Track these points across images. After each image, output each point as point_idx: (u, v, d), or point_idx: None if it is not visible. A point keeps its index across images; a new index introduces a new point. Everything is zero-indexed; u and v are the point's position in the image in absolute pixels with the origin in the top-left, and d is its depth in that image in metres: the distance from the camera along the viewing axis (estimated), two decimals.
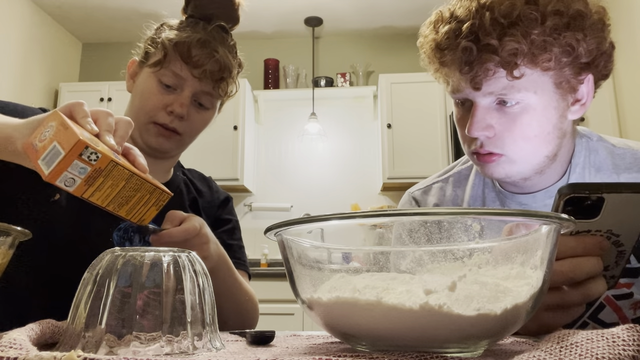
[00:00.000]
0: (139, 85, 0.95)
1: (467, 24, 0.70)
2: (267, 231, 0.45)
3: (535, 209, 0.83)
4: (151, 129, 0.92)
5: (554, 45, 0.69)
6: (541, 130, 0.73)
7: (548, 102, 0.73)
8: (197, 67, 0.90)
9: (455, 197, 0.92)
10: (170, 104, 0.91)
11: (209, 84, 0.93)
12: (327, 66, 3.92)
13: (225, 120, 3.47)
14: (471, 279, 0.37)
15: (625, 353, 0.31)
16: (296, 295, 0.45)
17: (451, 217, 0.39)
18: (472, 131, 0.74)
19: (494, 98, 0.73)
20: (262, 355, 0.39)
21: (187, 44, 0.89)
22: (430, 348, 0.37)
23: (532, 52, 0.69)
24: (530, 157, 0.75)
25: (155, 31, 0.96)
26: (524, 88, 0.71)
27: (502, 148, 0.75)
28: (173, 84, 0.91)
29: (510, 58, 0.69)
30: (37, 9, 3.57)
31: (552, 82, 0.72)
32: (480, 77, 0.71)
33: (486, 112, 0.74)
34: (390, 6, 3.55)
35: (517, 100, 0.72)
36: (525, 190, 0.83)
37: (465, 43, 0.70)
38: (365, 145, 3.75)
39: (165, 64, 0.90)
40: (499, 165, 0.76)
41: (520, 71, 0.70)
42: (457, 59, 0.72)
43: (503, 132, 0.74)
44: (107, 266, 0.41)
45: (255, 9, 3.64)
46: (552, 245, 0.41)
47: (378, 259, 0.41)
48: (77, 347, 0.38)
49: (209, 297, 0.45)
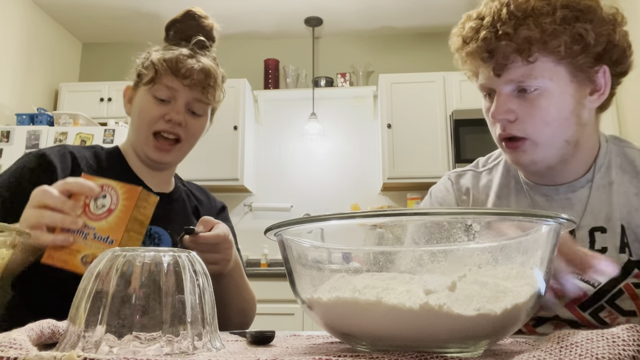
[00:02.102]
0: (136, 105, 1.05)
1: (488, 19, 0.81)
2: (267, 231, 0.45)
3: (557, 201, 0.88)
4: (151, 143, 1.01)
5: (564, 34, 0.77)
6: (559, 114, 0.80)
7: (564, 89, 0.80)
8: (186, 78, 1.00)
9: (488, 183, 0.98)
10: (167, 113, 1.01)
11: (199, 91, 1.03)
12: (327, 66, 3.91)
13: (225, 120, 3.47)
14: (471, 279, 0.37)
15: (625, 353, 0.31)
16: (296, 295, 0.45)
17: (451, 217, 0.39)
18: (495, 114, 0.82)
19: (514, 86, 0.81)
20: (262, 355, 0.39)
21: (174, 59, 1.01)
22: (430, 348, 0.37)
23: (544, 39, 0.77)
24: (551, 140, 0.81)
25: (144, 57, 1.07)
26: (540, 75, 0.79)
27: (525, 131, 0.81)
28: (167, 96, 1.01)
29: (524, 45, 0.77)
30: (37, 9, 3.57)
31: (567, 71, 0.80)
32: (500, 63, 0.80)
33: (508, 98, 0.82)
34: (390, 6, 3.55)
35: (536, 87, 0.79)
36: (550, 182, 0.88)
37: (485, 34, 0.80)
38: (365, 145, 3.75)
39: (157, 79, 1.01)
40: (525, 152, 0.82)
41: (534, 57, 0.78)
42: (478, 48, 0.81)
43: (524, 117, 0.81)
44: (107, 266, 0.41)
45: (255, 9, 3.64)
46: (552, 245, 0.41)
47: (378, 259, 0.41)
48: (77, 347, 0.38)
49: (209, 297, 0.44)
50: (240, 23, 3.82)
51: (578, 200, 0.85)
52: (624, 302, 0.78)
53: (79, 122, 3.29)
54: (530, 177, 0.91)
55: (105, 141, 3.05)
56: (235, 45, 4.02)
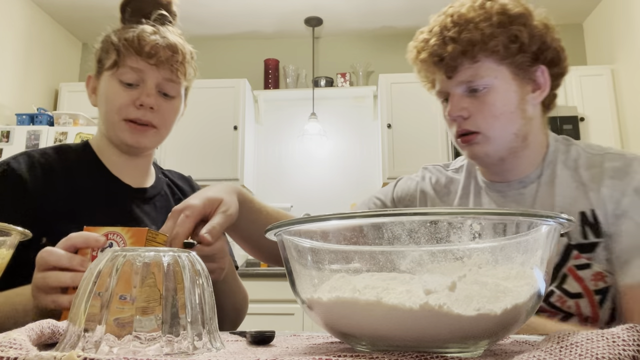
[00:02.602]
0: (101, 93, 0.98)
1: (436, 29, 0.93)
2: (267, 231, 0.45)
3: (510, 196, 0.96)
4: (124, 127, 0.95)
5: (501, 35, 0.88)
6: (505, 109, 0.90)
7: (508, 87, 0.91)
8: (152, 56, 0.93)
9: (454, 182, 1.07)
10: (137, 98, 0.94)
11: (167, 70, 0.95)
12: (327, 66, 3.91)
13: (225, 120, 3.47)
14: (471, 279, 0.37)
15: (625, 353, 0.31)
16: (296, 295, 0.45)
17: (451, 217, 0.39)
18: (451, 112, 0.92)
19: (465, 86, 0.91)
20: (262, 355, 0.39)
21: (136, 37, 0.93)
22: (430, 348, 0.37)
23: (484, 40, 0.88)
24: (500, 132, 0.91)
25: (103, 41, 0.99)
26: (485, 74, 0.90)
27: (477, 125, 0.91)
28: (134, 80, 0.94)
29: (468, 47, 0.88)
30: (37, 9, 3.57)
31: (509, 71, 0.90)
32: (450, 66, 0.90)
33: (460, 98, 0.92)
34: (390, 6, 3.55)
35: (484, 85, 0.90)
36: (503, 178, 0.97)
37: (434, 41, 0.92)
38: (365, 145, 3.75)
39: (120, 62, 0.93)
40: (479, 145, 0.92)
41: (478, 57, 0.89)
42: (429, 55, 0.92)
43: (476, 113, 0.91)
44: (107, 266, 0.41)
45: (255, 9, 3.64)
46: (552, 245, 0.41)
47: (378, 259, 0.41)
48: (77, 347, 0.38)
49: (209, 297, 0.44)
50: (240, 23, 3.82)
51: (529, 195, 0.94)
52: (571, 285, 0.85)
53: (79, 122, 3.30)
54: (487, 176, 1.00)
55: None
56: (235, 45, 4.02)
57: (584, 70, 3.42)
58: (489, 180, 0.99)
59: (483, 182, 1.01)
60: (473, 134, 0.91)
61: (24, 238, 0.56)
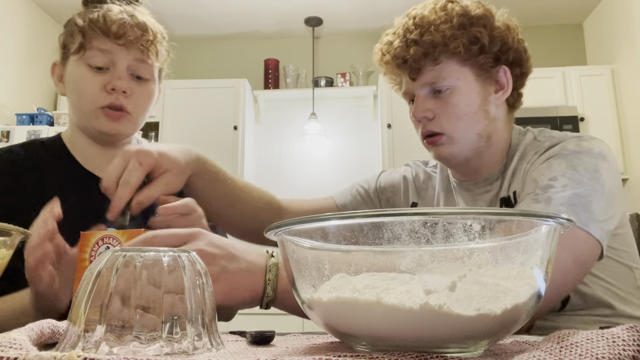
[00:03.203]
0: (69, 80, 0.92)
1: (399, 31, 0.93)
2: (267, 231, 0.45)
3: (477, 194, 0.98)
4: (100, 115, 0.90)
5: (462, 37, 0.89)
6: (468, 109, 0.91)
7: (471, 88, 0.91)
8: (120, 36, 0.87)
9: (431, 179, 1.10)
10: (108, 82, 0.88)
11: (138, 50, 0.90)
12: (327, 66, 3.91)
13: (225, 120, 3.47)
14: (471, 279, 0.37)
15: (625, 353, 0.31)
16: (296, 295, 0.45)
17: (451, 216, 0.39)
18: (415, 113, 0.94)
19: (429, 88, 0.92)
20: (262, 355, 0.39)
21: (101, 17, 0.87)
22: (430, 348, 0.37)
23: (445, 42, 0.89)
24: (464, 133, 0.92)
25: (66, 25, 0.93)
26: (448, 76, 0.90)
27: (441, 127, 0.92)
28: (104, 63, 0.89)
29: (430, 49, 0.89)
30: (37, 9, 3.57)
31: (471, 72, 0.92)
32: (413, 68, 0.91)
33: (425, 99, 0.93)
34: (390, 6, 3.55)
35: (447, 87, 0.91)
36: (470, 178, 0.99)
37: (397, 43, 0.93)
38: (365, 145, 3.75)
39: (87, 44, 0.88)
40: (443, 146, 0.93)
41: (440, 59, 0.90)
42: (393, 57, 0.93)
43: (440, 114, 0.92)
44: (107, 266, 0.41)
45: (255, 9, 3.64)
46: (552, 245, 0.41)
47: (378, 259, 0.41)
48: (77, 347, 0.38)
49: (209, 297, 0.44)
50: (240, 23, 3.82)
51: (494, 191, 0.95)
52: None
53: None
54: (456, 175, 1.02)
55: None
56: (235, 45, 4.02)
57: (584, 70, 3.42)
58: (458, 180, 1.01)
59: (454, 181, 1.03)
60: (438, 135, 0.93)
61: (24, 238, 0.56)
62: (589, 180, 0.79)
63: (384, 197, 1.12)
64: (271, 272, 0.63)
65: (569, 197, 0.76)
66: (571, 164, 0.81)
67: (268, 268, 0.63)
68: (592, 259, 0.77)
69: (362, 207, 1.12)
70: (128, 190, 0.69)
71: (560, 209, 0.75)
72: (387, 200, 1.12)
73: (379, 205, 1.13)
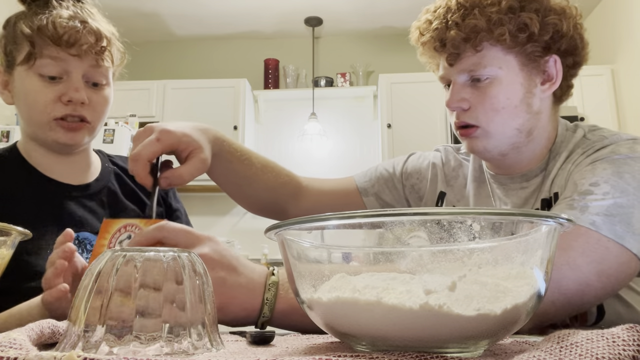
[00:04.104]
0: (19, 91, 0.86)
1: (440, 10, 0.85)
2: (267, 231, 0.45)
3: (511, 190, 0.91)
4: (54, 127, 0.86)
5: (509, 23, 0.80)
6: (508, 102, 0.83)
7: (513, 78, 0.83)
8: (71, 45, 0.82)
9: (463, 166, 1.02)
10: (63, 93, 0.84)
11: (92, 59, 0.85)
12: (327, 66, 3.91)
13: (225, 120, 3.47)
14: (471, 279, 0.37)
15: (625, 353, 0.31)
16: (296, 295, 0.45)
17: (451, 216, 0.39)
18: (449, 103, 0.87)
19: (467, 75, 0.85)
20: (262, 355, 0.39)
21: (51, 24, 0.81)
22: (430, 348, 0.37)
23: (490, 27, 0.80)
24: (501, 128, 0.84)
25: (6, 29, 0.87)
26: (489, 64, 0.82)
27: (476, 119, 0.85)
28: (57, 72, 0.84)
29: (471, 34, 0.81)
30: None
31: (516, 60, 0.83)
32: (452, 53, 0.84)
33: (461, 87, 0.86)
34: (390, 6, 3.55)
35: (487, 76, 0.83)
36: (506, 172, 0.92)
37: (437, 24, 0.84)
38: (365, 145, 3.75)
39: (37, 54, 0.82)
40: (477, 139, 0.86)
41: (482, 46, 0.82)
42: (431, 38, 0.86)
43: (476, 105, 0.84)
44: (107, 266, 0.41)
45: (255, 9, 3.64)
46: (552, 245, 0.41)
47: (378, 259, 0.41)
48: (77, 347, 0.38)
49: (209, 297, 0.44)
50: (240, 23, 3.82)
51: (531, 189, 0.88)
52: None
53: None
54: (490, 167, 0.95)
55: (105, 141, 3.05)
56: (235, 45, 4.02)
57: (584, 70, 3.39)
58: (493, 172, 0.94)
59: (488, 173, 0.96)
60: (472, 127, 0.86)
61: (24, 238, 0.56)
62: (635, 189, 0.72)
63: (409, 183, 1.04)
64: (270, 292, 0.60)
65: (607, 206, 0.70)
66: (618, 170, 0.74)
67: (267, 287, 0.60)
68: (625, 274, 0.70)
69: (385, 192, 1.04)
70: (139, 164, 0.67)
71: (595, 219, 0.69)
72: (412, 187, 1.05)
73: (403, 192, 1.05)
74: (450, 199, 1.01)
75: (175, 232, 0.59)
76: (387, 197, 1.05)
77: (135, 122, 3.35)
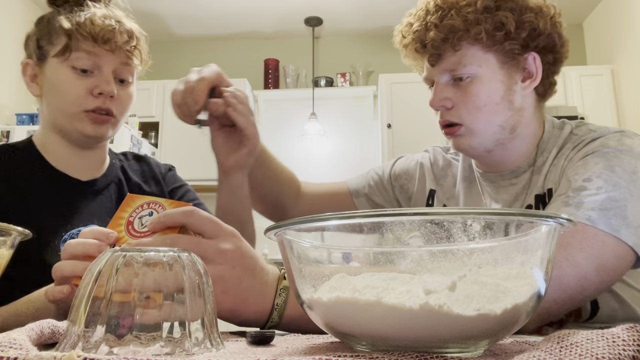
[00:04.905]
0: (50, 82, 0.91)
1: (419, 13, 0.87)
2: (267, 231, 0.45)
3: (501, 187, 0.92)
4: (84, 118, 0.90)
5: (486, 22, 0.82)
6: (490, 100, 0.85)
7: (493, 76, 0.85)
8: (108, 42, 0.88)
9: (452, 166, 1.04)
10: (95, 86, 0.89)
11: (124, 56, 0.91)
12: (327, 66, 3.91)
13: None
14: (471, 279, 0.37)
15: (625, 353, 0.31)
16: (296, 296, 0.45)
17: (451, 216, 0.39)
18: (433, 102, 0.89)
19: (449, 75, 0.87)
20: (262, 355, 0.39)
21: (89, 21, 0.87)
22: (430, 348, 0.37)
23: (467, 27, 0.82)
24: (484, 125, 0.86)
25: (42, 25, 0.92)
26: (469, 63, 0.85)
27: (459, 117, 0.87)
28: (89, 66, 0.89)
29: (450, 34, 0.83)
30: (38, 9, 3.56)
31: (495, 59, 0.85)
32: (433, 54, 0.86)
33: (444, 87, 0.88)
34: (390, 6, 3.55)
35: (468, 74, 0.85)
36: (494, 169, 0.94)
37: (417, 26, 0.87)
38: (365, 145, 3.75)
39: (73, 47, 0.87)
40: (462, 137, 0.89)
41: (461, 45, 0.84)
42: (412, 40, 0.88)
43: (459, 104, 0.87)
44: (107, 266, 0.41)
45: (255, 9, 3.64)
46: (552, 245, 0.41)
47: (378, 259, 0.41)
48: (77, 347, 0.38)
49: (209, 297, 0.44)
50: (240, 23, 3.82)
51: (520, 184, 0.90)
52: None
53: None
54: (479, 166, 0.97)
55: None
56: (235, 45, 4.02)
57: (584, 70, 3.42)
58: (482, 171, 0.96)
59: (477, 171, 0.98)
60: (456, 125, 0.88)
61: (24, 238, 0.56)
62: (626, 182, 0.73)
63: (398, 184, 1.08)
64: (280, 297, 0.60)
65: (602, 200, 0.71)
66: (609, 164, 0.75)
67: (278, 292, 0.60)
68: (621, 267, 0.72)
69: (375, 193, 1.08)
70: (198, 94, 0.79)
71: (590, 214, 0.70)
72: (401, 187, 1.08)
73: (392, 193, 1.08)
74: (440, 197, 1.03)
75: (203, 221, 0.57)
76: (378, 198, 1.09)
77: (135, 122, 3.35)
